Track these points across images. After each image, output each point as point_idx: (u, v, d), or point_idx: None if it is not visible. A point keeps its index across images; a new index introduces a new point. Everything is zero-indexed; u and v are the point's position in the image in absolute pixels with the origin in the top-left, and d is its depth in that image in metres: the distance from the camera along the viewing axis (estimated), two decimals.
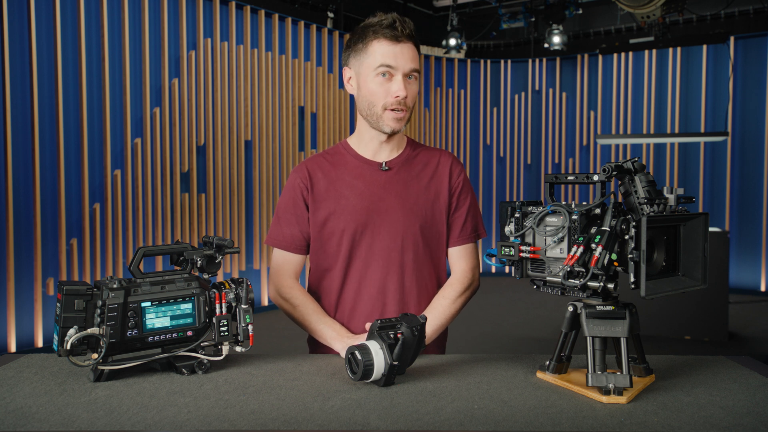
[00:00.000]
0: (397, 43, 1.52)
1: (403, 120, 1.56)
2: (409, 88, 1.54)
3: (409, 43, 1.54)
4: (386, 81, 1.52)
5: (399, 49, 1.52)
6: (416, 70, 1.55)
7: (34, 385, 1.19)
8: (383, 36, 1.51)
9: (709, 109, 7.45)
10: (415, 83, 1.57)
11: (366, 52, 1.54)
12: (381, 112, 1.54)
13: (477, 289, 1.67)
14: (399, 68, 1.51)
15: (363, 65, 1.55)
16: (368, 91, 1.54)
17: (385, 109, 1.53)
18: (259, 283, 6.45)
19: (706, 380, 1.21)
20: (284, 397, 1.12)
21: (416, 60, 1.55)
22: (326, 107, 7.00)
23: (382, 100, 1.53)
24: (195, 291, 1.26)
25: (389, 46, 1.51)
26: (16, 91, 4.51)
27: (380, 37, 1.52)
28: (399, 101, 1.52)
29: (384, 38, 1.51)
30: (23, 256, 4.61)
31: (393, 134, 1.59)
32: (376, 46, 1.52)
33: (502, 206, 1.28)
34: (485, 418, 1.02)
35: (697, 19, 7.47)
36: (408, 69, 1.53)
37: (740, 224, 7.28)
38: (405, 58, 1.52)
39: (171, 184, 5.61)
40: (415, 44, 1.56)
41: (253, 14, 6.35)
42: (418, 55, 1.57)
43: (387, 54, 1.51)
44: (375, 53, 1.52)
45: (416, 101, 1.61)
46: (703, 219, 1.12)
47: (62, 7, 4.78)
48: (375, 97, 1.53)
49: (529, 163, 8.65)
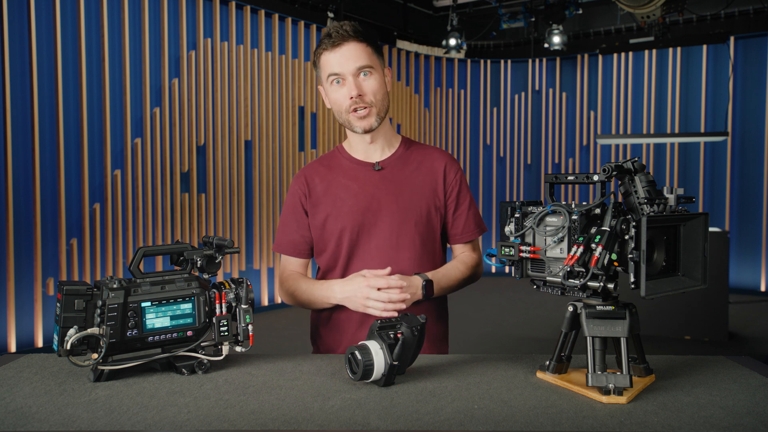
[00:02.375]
0: (337, 49, 1.56)
1: (368, 117, 1.59)
2: (363, 85, 1.57)
3: (349, 43, 1.56)
4: (341, 87, 1.58)
5: (340, 54, 1.56)
6: (365, 66, 1.57)
7: (34, 385, 1.19)
8: (324, 48, 1.59)
9: (709, 109, 7.45)
10: (372, 77, 1.58)
11: (319, 67, 1.63)
12: (346, 116, 1.60)
13: (478, 278, 1.73)
14: (344, 71, 1.56)
15: (321, 80, 1.64)
16: (331, 101, 1.63)
17: (348, 112, 1.59)
18: (259, 283, 6.45)
19: (706, 380, 1.21)
20: (284, 397, 1.12)
21: (362, 57, 1.57)
22: (326, 107, 6.98)
23: (343, 105, 1.59)
24: (195, 291, 1.26)
25: (330, 54, 1.57)
26: (16, 91, 4.51)
27: (322, 49, 1.59)
28: (354, 101, 1.56)
29: (324, 49, 1.58)
30: (23, 256, 4.61)
31: (369, 132, 1.62)
32: (322, 60, 1.60)
33: (502, 206, 1.28)
34: (485, 418, 1.02)
35: (697, 19, 7.47)
36: (353, 68, 1.56)
37: (740, 224, 7.28)
38: (347, 59, 1.56)
39: (171, 184, 5.61)
40: (360, 40, 1.58)
41: (253, 14, 6.35)
42: (366, 51, 1.58)
43: (330, 62, 1.57)
44: (324, 66, 1.60)
45: (385, 95, 1.61)
46: (703, 219, 1.12)
47: (62, 7, 4.78)
48: (337, 105, 1.61)
49: (529, 163, 8.65)
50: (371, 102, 1.58)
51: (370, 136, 1.64)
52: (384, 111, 1.62)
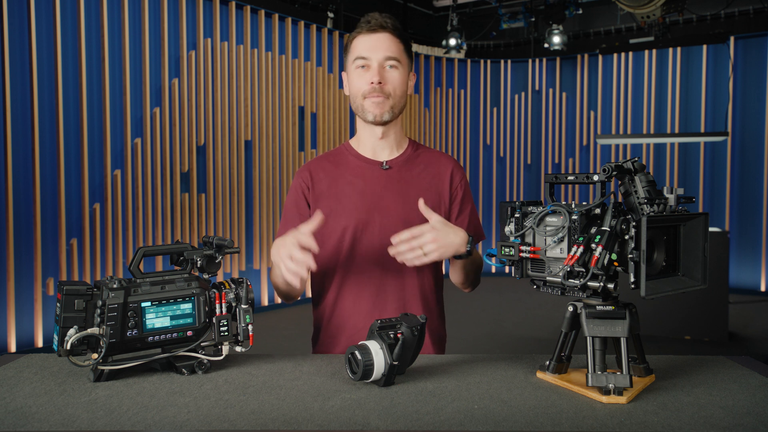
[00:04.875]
0: (372, 34, 1.58)
1: (382, 105, 1.57)
2: (387, 75, 1.57)
3: (385, 33, 1.58)
4: (364, 72, 1.58)
5: (374, 40, 1.57)
6: (394, 57, 1.57)
7: (34, 385, 1.19)
8: (358, 32, 1.60)
9: (709, 109, 7.45)
10: (396, 72, 1.58)
11: (349, 50, 1.62)
12: (362, 101, 1.59)
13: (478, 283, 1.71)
14: (373, 58, 1.56)
15: (347, 63, 1.63)
16: (351, 84, 1.62)
17: (365, 98, 1.58)
18: (259, 283, 6.44)
19: (706, 380, 1.21)
20: (284, 397, 1.12)
21: (393, 48, 1.58)
22: (326, 107, 7.00)
23: (361, 89, 1.58)
24: (195, 291, 1.26)
25: (363, 38, 1.58)
26: (16, 91, 4.51)
27: (357, 33, 1.60)
28: (374, 87, 1.56)
29: (359, 33, 1.59)
30: (23, 256, 4.61)
31: (379, 124, 1.60)
32: (355, 42, 1.60)
33: (502, 206, 1.28)
34: (485, 418, 1.02)
35: (697, 19, 7.47)
36: (382, 57, 1.56)
37: (740, 224, 7.28)
38: (379, 47, 1.57)
39: (171, 184, 5.61)
40: (395, 35, 1.59)
41: (253, 14, 6.35)
42: (398, 45, 1.59)
43: (362, 46, 1.58)
44: (353, 49, 1.60)
45: (403, 92, 1.61)
46: (703, 219, 1.12)
47: (62, 7, 4.78)
48: (355, 88, 1.60)
49: (529, 163, 8.65)
50: (389, 93, 1.57)
51: (381, 131, 1.62)
52: (399, 108, 1.61)
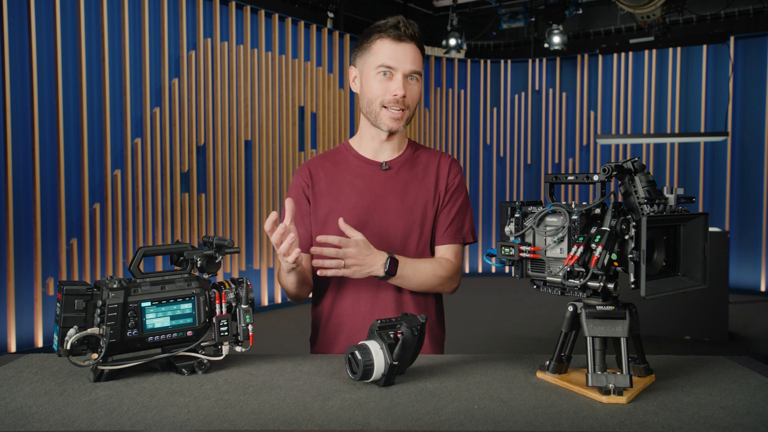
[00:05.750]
0: (400, 43, 1.54)
1: (400, 120, 1.57)
2: (408, 88, 1.56)
3: (411, 44, 1.56)
4: (386, 80, 1.55)
5: (401, 50, 1.54)
6: (417, 72, 1.57)
7: (34, 385, 1.19)
8: (386, 35, 1.55)
9: (709, 109, 7.45)
10: (416, 85, 1.58)
11: (370, 51, 1.57)
12: (379, 109, 1.56)
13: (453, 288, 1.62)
14: (399, 68, 1.54)
15: (366, 63, 1.58)
16: (369, 88, 1.57)
17: (383, 107, 1.56)
18: (259, 283, 6.45)
19: (706, 380, 1.21)
20: (284, 397, 1.12)
21: (417, 62, 1.57)
22: (326, 107, 7.00)
23: (381, 98, 1.55)
24: (195, 291, 1.26)
25: (391, 45, 1.54)
26: (16, 91, 4.51)
27: (384, 36, 1.55)
28: (396, 100, 1.54)
29: (387, 38, 1.55)
30: (23, 256, 4.61)
31: (392, 133, 1.61)
32: (379, 45, 1.55)
33: (502, 206, 1.28)
34: (485, 418, 1.02)
35: (697, 19, 7.47)
36: (408, 70, 1.55)
37: (740, 224, 7.28)
38: (406, 58, 1.54)
39: (171, 184, 5.61)
40: (418, 46, 1.58)
41: (253, 14, 6.35)
42: (421, 58, 1.59)
43: (388, 53, 1.54)
44: (378, 52, 1.55)
45: (417, 103, 1.62)
46: (703, 219, 1.12)
47: (62, 7, 4.78)
48: (374, 95, 1.56)
49: (529, 163, 8.65)
50: (408, 106, 1.57)
51: (388, 137, 1.62)
52: (410, 119, 1.62)
